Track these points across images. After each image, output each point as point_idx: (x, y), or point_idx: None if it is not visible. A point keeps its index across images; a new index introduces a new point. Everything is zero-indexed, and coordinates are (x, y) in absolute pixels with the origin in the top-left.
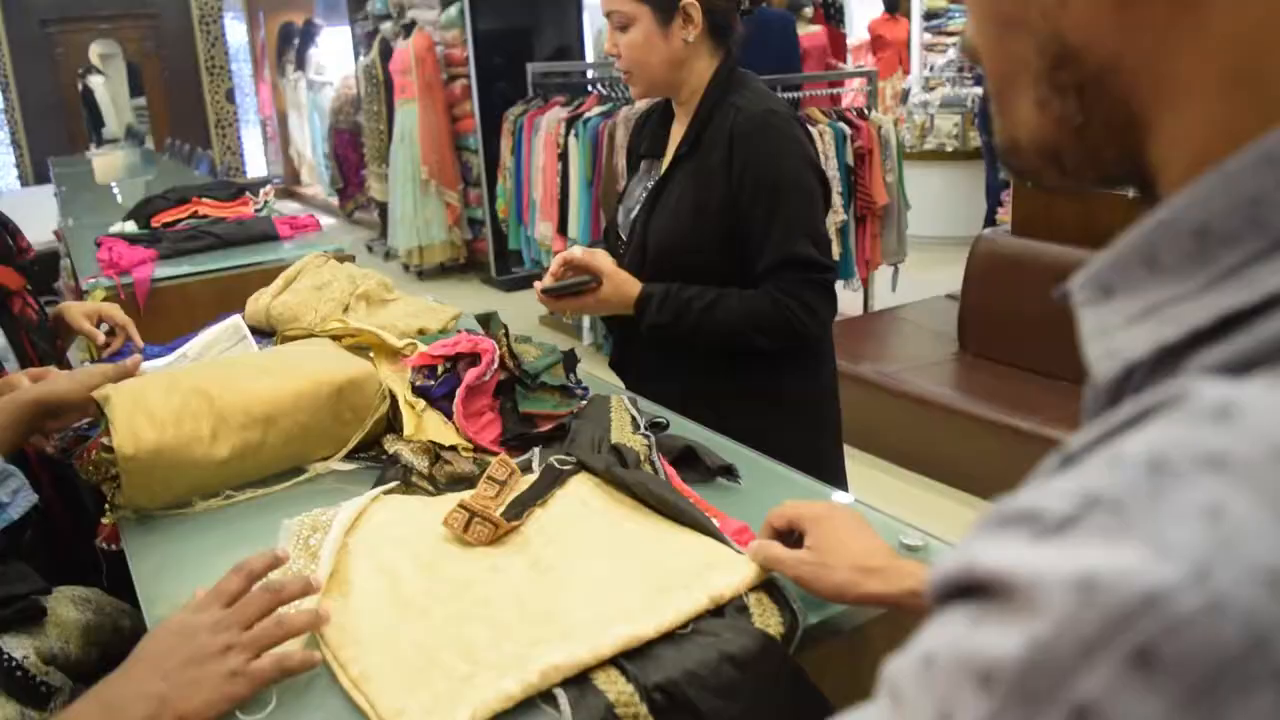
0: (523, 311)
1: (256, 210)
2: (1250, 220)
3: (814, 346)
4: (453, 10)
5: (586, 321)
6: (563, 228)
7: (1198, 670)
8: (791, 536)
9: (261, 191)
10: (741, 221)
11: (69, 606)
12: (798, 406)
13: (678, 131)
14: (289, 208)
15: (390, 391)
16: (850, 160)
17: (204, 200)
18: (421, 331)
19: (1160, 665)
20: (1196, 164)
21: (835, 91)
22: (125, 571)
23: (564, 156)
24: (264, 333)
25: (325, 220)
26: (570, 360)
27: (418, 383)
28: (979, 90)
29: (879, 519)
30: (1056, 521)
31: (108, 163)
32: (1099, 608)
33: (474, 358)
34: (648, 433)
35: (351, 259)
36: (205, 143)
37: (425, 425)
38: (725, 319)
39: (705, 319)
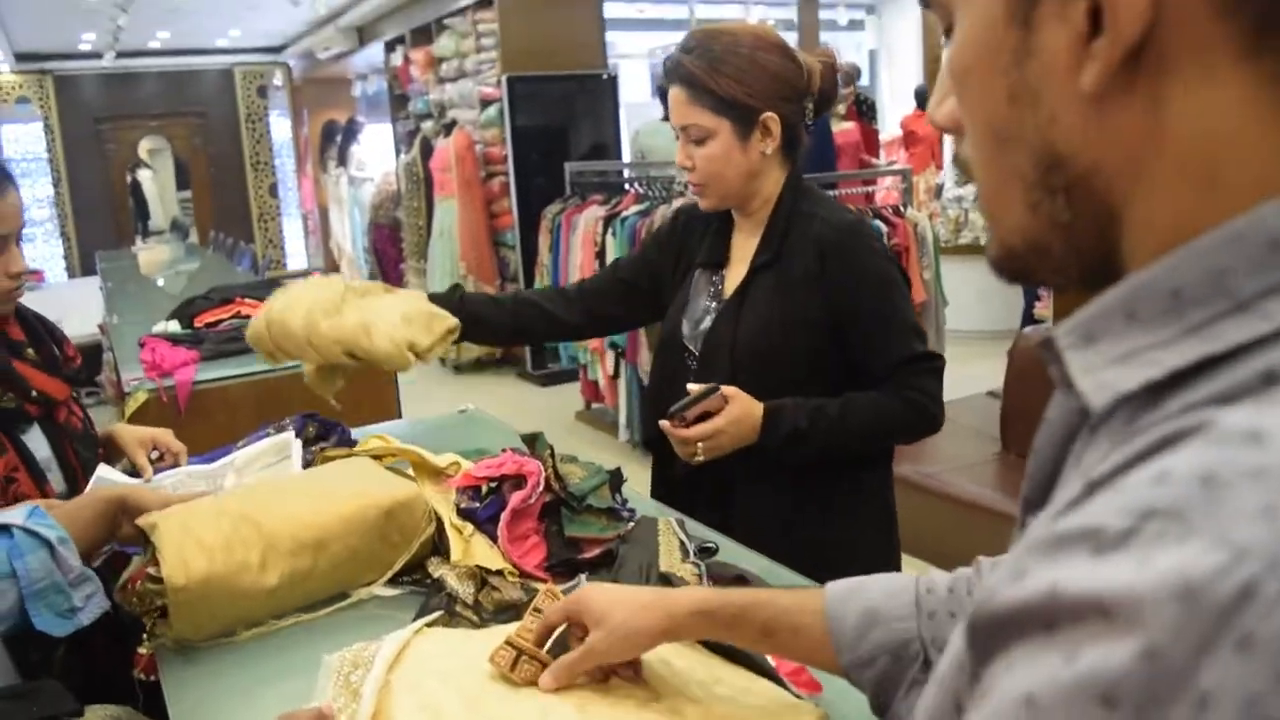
0: (559, 406)
1: None
2: (1217, 286)
3: (886, 449)
4: (492, 110)
5: (623, 418)
6: None
7: None
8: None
9: None
10: (849, 329)
11: None
12: (868, 514)
13: (743, 241)
14: None
15: (435, 513)
16: None
17: (246, 300)
18: (412, 346)
19: (1259, 645)
20: (1161, 248)
21: (870, 190)
22: (162, 700)
23: (601, 254)
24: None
25: None
26: (616, 480)
27: (463, 505)
28: None
29: None
30: (1116, 535)
31: (153, 256)
32: (1204, 610)
33: (519, 479)
34: (697, 560)
35: None
36: (248, 235)
37: (473, 550)
38: (857, 425)
39: (839, 425)
